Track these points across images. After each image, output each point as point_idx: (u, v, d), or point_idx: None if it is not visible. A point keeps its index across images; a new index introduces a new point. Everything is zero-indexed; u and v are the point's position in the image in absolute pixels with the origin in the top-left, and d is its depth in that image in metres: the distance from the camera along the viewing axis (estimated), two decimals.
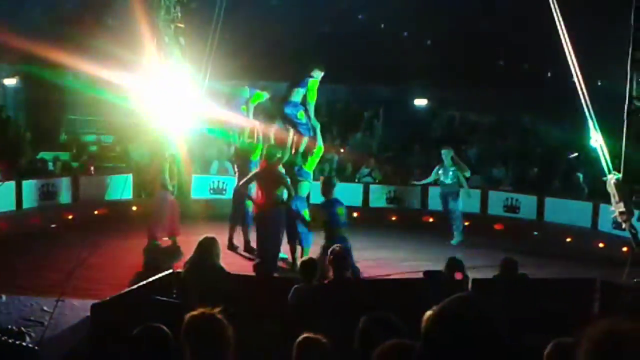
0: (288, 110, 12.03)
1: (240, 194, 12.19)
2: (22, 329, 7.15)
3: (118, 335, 5.66)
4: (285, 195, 10.95)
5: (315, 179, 12.42)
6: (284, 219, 10.98)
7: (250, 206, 12.29)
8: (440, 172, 14.53)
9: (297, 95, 12.04)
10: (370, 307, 6.27)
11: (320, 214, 10.44)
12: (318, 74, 12.06)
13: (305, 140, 12.02)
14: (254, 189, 11.64)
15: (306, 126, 12.05)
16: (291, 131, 12.03)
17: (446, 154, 14.58)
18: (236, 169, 12.84)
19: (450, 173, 14.41)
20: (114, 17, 17.35)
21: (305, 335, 4.49)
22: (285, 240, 11.49)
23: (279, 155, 11.14)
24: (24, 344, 2.72)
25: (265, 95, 13.02)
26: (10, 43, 15.24)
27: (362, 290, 7.21)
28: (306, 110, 12.09)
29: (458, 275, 7.95)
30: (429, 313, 3.99)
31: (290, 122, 12.07)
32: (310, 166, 12.04)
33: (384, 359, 2.90)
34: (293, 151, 12.00)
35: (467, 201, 14.91)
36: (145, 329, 4.13)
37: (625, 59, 9.59)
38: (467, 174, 14.62)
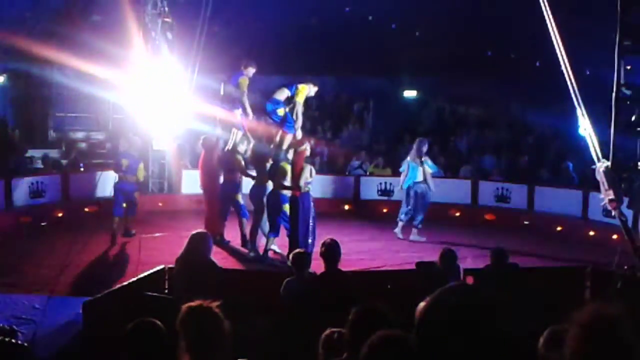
0: (269, 107, 12.17)
1: (231, 189, 12.54)
2: (14, 327, 7.11)
3: (110, 332, 5.66)
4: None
5: None
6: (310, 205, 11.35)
7: (241, 200, 12.44)
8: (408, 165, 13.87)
9: (282, 94, 12.17)
10: (362, 298, 6.28)
11: None
12: (310, 87, 12.22)
13: (288, 136, 12.11)
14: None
15: (288, 123, 12.13)
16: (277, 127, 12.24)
17: (421, 143, 13.99)
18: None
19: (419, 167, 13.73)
20: (100, 12, 17.25)
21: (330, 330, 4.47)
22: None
23: (303, 147, 11.52)
24: (14, 341, 2.71)
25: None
26: None
27: (354, 282, 7.21)
28: (292, 109, 12.19)
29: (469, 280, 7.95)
30: (422, 304, 4.00)
31: (270, 118, 12.24)
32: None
33: (374, 349, 2.90)
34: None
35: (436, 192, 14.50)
36: (138, 324, 4.12)
37: (613, 46, 9.61)
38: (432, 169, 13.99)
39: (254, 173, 12.41)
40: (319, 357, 4.41)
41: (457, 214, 16.34)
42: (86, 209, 15.33)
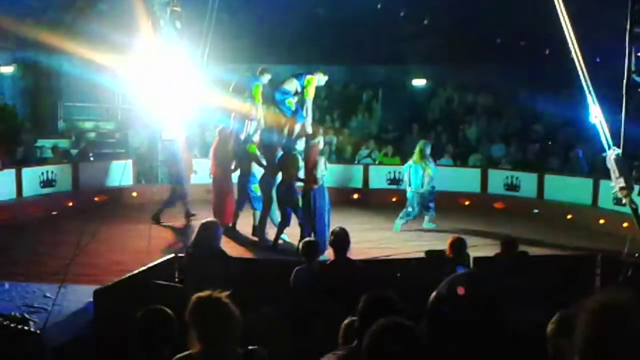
0: (277, 96, 12.17)
1: (246, 181, 12.70)
2: (25, 315, 7.16)
3: (121, 320, 5.69)
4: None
5: None
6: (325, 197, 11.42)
7: (257, 191, 12.45)
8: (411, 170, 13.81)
9: (291, 84, 12.17)
10: (372, 287, 6.29)
11: None
12: (319, 77, 12.17)
13: (297, 126, 12.16)
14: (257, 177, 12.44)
15: (295, 113, 12.15)
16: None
17: (425, 145, 13.94)
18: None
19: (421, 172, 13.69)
20: (108, 1, 17.25)
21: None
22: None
23: (316, 140, 11.50)
24: (26, 328, 2.72)
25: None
26: (6, 30, 15.18)
27: (363, 270, 7.21)
28: (299, 101, 12.21)
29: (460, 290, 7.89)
30: (434, 294, 4.00)
31: (278, 107, 12.23)
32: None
33: (375, 337, 2.89)
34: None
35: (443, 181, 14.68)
36: (148, 312, 4.14)
37: (624, 33, 9.54)
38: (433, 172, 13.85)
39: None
40: (339, 346, 4.40)
41: (467, 203, 16.33)
42: (96, 199, 15.40)
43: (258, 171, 12.59)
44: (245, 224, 12.86)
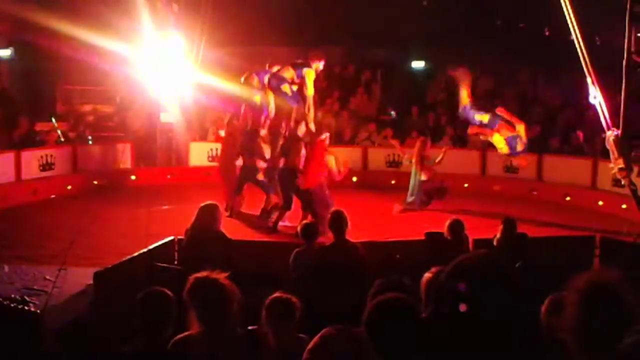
0: (273, 83, 12.13)
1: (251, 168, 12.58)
2: (25, 297, 7.19)
3: (121, 302, 5.71)
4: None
5: None
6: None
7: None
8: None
9: (287, 72, 12.13)
10: (371, 269, 6.30)
11: None
12: (316, 64, 12.10)
13: (296, 110, 12.14)
14: None
15: (291, 98, 12.08)
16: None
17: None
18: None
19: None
20: None
21: (275, 295, 4.53)
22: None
23: (323, 137, 11.60)
24: (27, 308, 2.72)
25: None
26: (4, 12, 15.10)
27: (363, 252, 7.21)
28: (299, 89, 12.14)
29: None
30: (427, 275, 4.01)
31: (275, 94, 12.18)
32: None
33: (375, 311, 2.90)
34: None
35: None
36: (149, 293, 4.15)
37: (624, 13, 9.51)
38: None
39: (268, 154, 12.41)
40: None
41: (466, 185, 16.31)
42: (95, 182, 15.40)
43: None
44: (245, 207, 12.85)
